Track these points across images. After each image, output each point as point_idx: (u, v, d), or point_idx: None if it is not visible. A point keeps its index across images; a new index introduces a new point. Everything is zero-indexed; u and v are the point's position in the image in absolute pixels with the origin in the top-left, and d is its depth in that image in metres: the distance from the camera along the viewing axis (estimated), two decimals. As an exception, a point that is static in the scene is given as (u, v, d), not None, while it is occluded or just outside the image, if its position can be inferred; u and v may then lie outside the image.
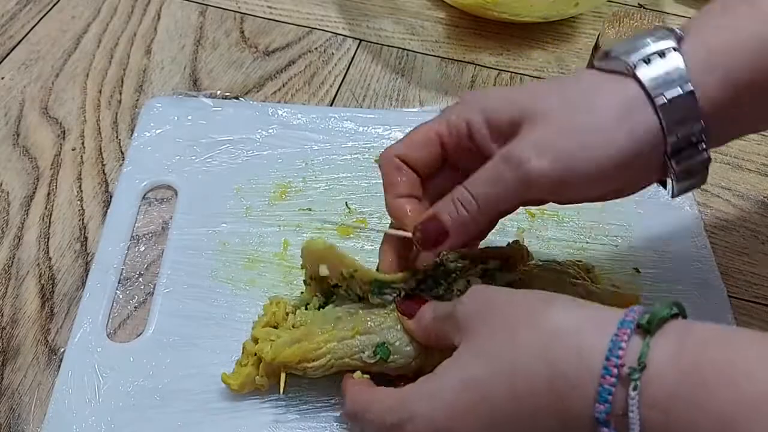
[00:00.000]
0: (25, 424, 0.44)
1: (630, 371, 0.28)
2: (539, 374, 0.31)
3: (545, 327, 0.32)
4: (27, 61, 0.66)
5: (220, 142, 0.58)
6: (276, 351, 0.42)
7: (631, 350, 0.29)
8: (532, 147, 0.35)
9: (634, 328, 0.30)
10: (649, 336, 0.29)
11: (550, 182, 0.35)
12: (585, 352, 0.30)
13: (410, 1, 0.74)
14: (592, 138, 0.35)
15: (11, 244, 0.53)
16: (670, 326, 0.30)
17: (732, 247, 0.56)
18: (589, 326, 0.31)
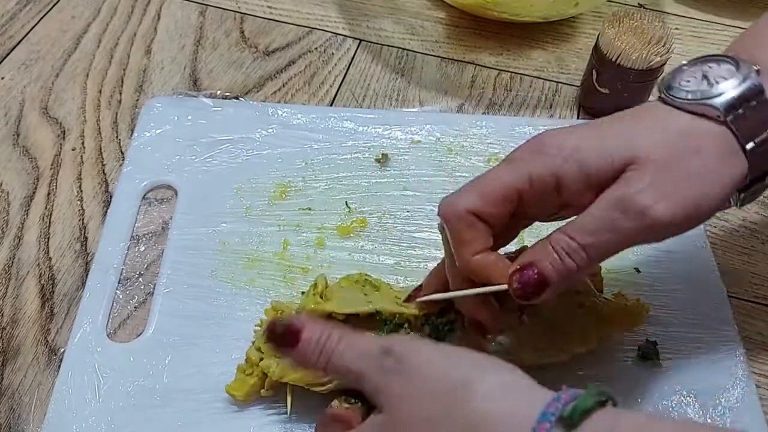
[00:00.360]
0: (25, 424, 0.44)
1: None
2: None
3: (464, 420, 0.30)
4: (27, 61, 0.66)
5: (220, 141, 0.58)
6: (282, 372, 0.42)
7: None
8: (652, 193, 0.34)
9: (554, 421, 0.28)
10: (573, 430, 0.28)
11: (674, 228, 0.35)
12: None
13: (410, 1, 0.74)
14: (706, 182, 0.35)
15: (11, 244, 0.53)
16: (595, 419, 0.28)
17: (732, 247, 0.56)
18: (510, 420, 0.29)
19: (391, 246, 0.53)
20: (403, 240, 0.53)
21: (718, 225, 0.57)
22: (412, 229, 0.54)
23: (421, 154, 0.59)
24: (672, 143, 0.35)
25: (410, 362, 0.32)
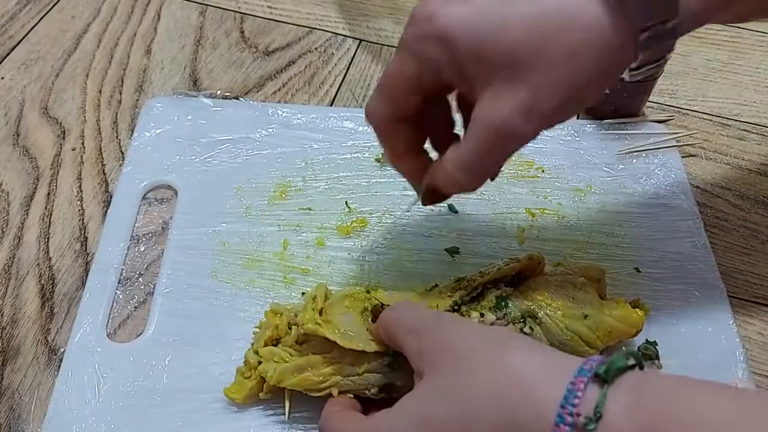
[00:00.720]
0: (25, 424, 0.44)
1: (586, 421, 0.28)
2: (495, 420, 0.30)
3: (503, 372, 0.31)
4: (27, 61, 0.66)
5: (220, 141, 0.58)
6: (280, 377, 0.42)
7: (587, 399, 0.29)
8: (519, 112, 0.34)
9: (591, 377, 0.29)
10: (606, 386, 0.29)
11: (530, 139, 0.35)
12: (540, 401, 0.30)
13: (410, 1, 0.74)
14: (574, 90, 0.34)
15: (11, 244, 0.53)
16: (627, 378, 0.29)
17: (732, 247, 0.56)
18: (546, 374, 0.31)
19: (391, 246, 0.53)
20: (402, 240, 0.53)
21: (718, 225, 0.57)
22: (412, 230, 0.54)
23: (421, 154, 0.59)
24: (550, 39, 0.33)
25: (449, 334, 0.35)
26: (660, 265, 0.53)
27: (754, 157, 0.62)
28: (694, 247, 0.54)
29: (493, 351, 0.33)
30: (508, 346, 0.33)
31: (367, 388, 0.42)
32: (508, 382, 0.31)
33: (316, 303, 0.43)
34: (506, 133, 0.34)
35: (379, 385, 0.42)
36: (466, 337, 0.35)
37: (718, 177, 0.60)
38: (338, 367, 0.41)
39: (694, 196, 0.57)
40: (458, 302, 0.43)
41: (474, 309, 0.43)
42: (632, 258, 0.53)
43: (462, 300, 0.43)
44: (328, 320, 0.42)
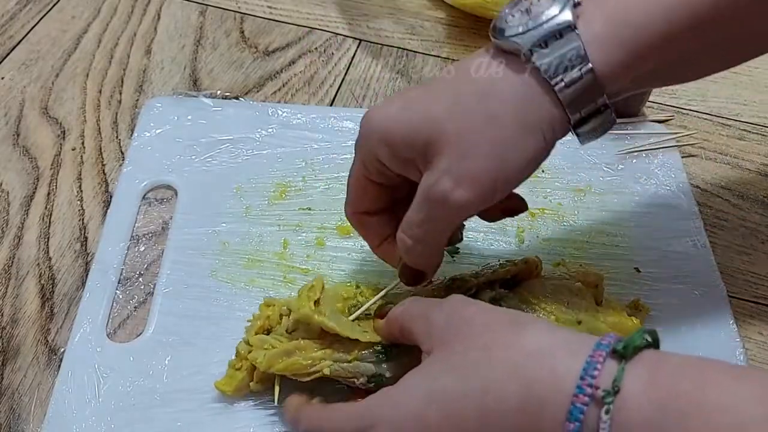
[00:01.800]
0: (25, 424, 0.44)
1: (604, 394, 0.28)
2: (511, 394, 0.30)
3: (520, 348, 0.32)
4: (27, 61, 0.66)
5: (220, 141, 0.58)
6: (269, 362, 0.42)
7: (605, 373, 0.29)
8: (445, 180, 0.35)
9: (609, 352, 0.30)
10: (624, 361, 0.29)
11: (479, 205, 0.36)
12: (559, 373, 0.30)
13: (410, 1, 0.74)
14: (498, 150, 0.35)
15: (11, 244, 0.53)
16: (645, 355, 0.30)
17: (732, 247, 0.56)
18: (564, 348, 0.31)
19: (391, 246, 0.53)
20: (403, 240, 0.53)
21: (718, 225, 0.57)
22: (412, 229, 0.54)
23: (421, 154, 0.59)
24: (469, 110, 0.35)
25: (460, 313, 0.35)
26: (660, 265, 0.53)
27: (754, 157, 0.62)
28: (694, 247, 0.54)
29: (508, 328, 0.33)
30: (522, 324, 0.33)
31: (356, 376, 0.41)
32: (526, 358, 0.31)
33: (312, 291, 0.43)
34: (437, 198, 0.36)
35: (368, 375, 0.41)
36: (478, 316, 0.35)
37: (718, 177, 0.60)
38: (329, 351, 0.41)
39: (694, 196, 0.57)
40: None
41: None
42: (632, 258, 0.53)
43: None
44: (321, 312, 0.42)
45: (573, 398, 0.29)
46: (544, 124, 0.35)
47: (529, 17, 0.34)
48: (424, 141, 0.36)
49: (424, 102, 0.36)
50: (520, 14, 0.35)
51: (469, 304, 0.36)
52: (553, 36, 0.34)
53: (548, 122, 0.35)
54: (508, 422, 0.31)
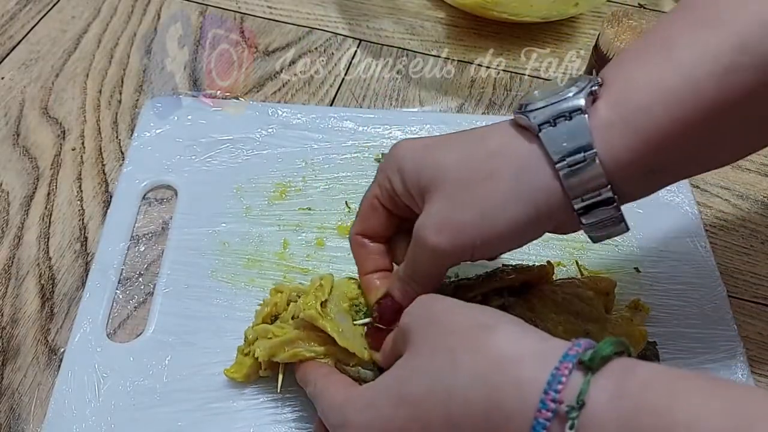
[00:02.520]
0: (25, 424, 0.44)
1: (568, 409, 0.28)
2: (476, 401, 0.30)
3: (487, 353, 0.31)
4: (27, 61, 0.66)
5: (220, 141, 0.58)
6: (272, 351, 0.42)
7: (570, 386, 0.28)
8: (430, 223, 0.36)
9: (575, 363, 0.29)
10: (591, 373, 0.28)
11: (455, 257, 0.36)
12: (524, 384, 0.29)
13: (410, 1, 0.74)
14: (487, 207, 0.35)
15: (11, 244, 0.53)
16: (613, 365, 0.29)
17: (732, 247, 0.56)
18: (531, 357, 0.30)
19: (391, 246, 0.53)
20: (403, 240, 0.53)
21: (718, 225, 0.57)
22: (412, 229, 0.54)
23: (421, 154, 0.59)
24: (474, 164, 0.36)
25: (429, 310, 0.35)
26: (660, 265, 0.53)
27: (754, 157, 0.62)
28: (694, 246, 0.54)
29: (476, 331, 0.32)
30: (492, 327, 0.32)
31: (358, 379, 0.42)
32: (491, 364, 0.30)
33: (321, 291, 0.42)
34: (419, 240, 0.37)
35: (367, 380, 0.41)
36: (444, 316, 0.34)
37: (718, 177, 0.60)
38: (332, 349, 0.41)
39: (694, 196, 0.57)
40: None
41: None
42: (632, 258, 0.53)
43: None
44: (328, 314, 0.42)
45: (536, 413, 0.28)
46: (539, 194, 0.35)
47: (550, 97, 0.35)
48: (427, 182, 0.37)
49: (442, 148, 0.38)
50: (545, 94, 0.36)
51: (440, 300, 0.36)
52: (562, 116, 0.34)
53: (545, 195, 0.35)
54: (472, 429, 0.30)
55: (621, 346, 0.29)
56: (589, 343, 0.30)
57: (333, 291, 0.43)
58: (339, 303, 0.43)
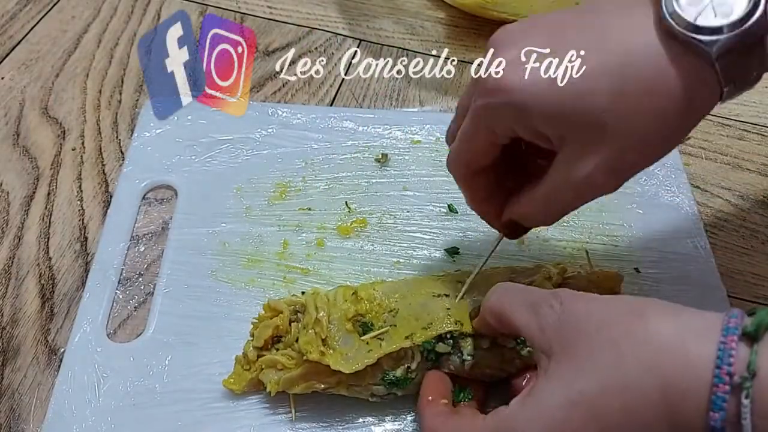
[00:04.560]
0: (25, 424, 0.44)
1: (742, 380, 0.28)
2: (651, 387, 0.30)
3: (649, 339, 0.31)
4: (27, 61, 0.66)
5: (220, 141, 0.58)
6: (285, 385, 0.43)
7: (739, 358, 0.29)
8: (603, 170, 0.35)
9: (739, 334, 0.29)
10: (756, 343, 0.29)
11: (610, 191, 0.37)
12: (693, 363, 0.30)
13: (410, 1, 0.74)
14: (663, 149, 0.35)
15: (11, 244, 0.53)
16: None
17: (732, 247, 0.55)
18: (692, 336, 0.31)
19: (391, 246, 0.53)
20: (403, 240, 0.53)
21: (718, 225, 0.57)
22: (412, 229, 0.54)
23: (421, 154, 0.59)
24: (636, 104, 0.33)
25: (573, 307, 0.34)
26: (660, 265, 0.53)
27: (754, 157, 0.62)
28: (694, 247, 0.54)
29: (628, 320, 0.32)
30: (641, 313, 0.32)
31: (370, 396, 0.43)
32: (657, 350, 0.31)
33: (320, 326, 0.42)
34: (588, 189, 0.36)
35: (380, 395, 0.43)
36: (594, 310, 0.34)
37: (718, 177, 0.60)
38: (344, 377, 0.42)
39: (694, 196, 0.57)
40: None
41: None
42: (632, 258, 0.53)
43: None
44: (331, 346, 0.42)
45: (713, 388, 0.29)
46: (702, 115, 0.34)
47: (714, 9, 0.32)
48: (577, 127, 0.34)
49: (577, 82, 0.33)
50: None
51: (579, 297, 0.35)
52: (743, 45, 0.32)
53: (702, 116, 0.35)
54: (650, 414, 0.31)
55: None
56: (741, 312, 0.31)
57: (331, 315, 0.43)
58: (341, 326, 0.43)
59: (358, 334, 0.42)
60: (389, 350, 0.41)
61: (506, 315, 0.37)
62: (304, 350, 0.42)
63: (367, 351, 0.41)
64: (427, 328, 0.42)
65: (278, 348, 0.44)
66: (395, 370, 0.42)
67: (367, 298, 0.44)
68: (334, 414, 0.44)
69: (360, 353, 0.42)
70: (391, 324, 0.42)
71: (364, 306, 0.43)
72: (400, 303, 0.44)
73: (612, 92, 0.33)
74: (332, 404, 0.44)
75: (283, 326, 0.44)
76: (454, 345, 0.42)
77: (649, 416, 0.31)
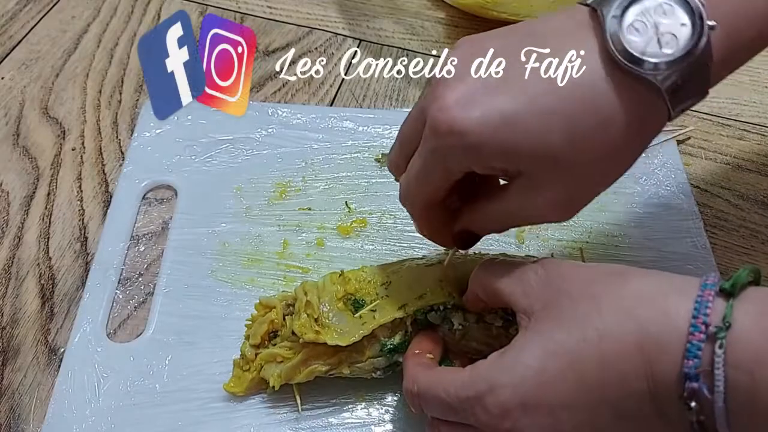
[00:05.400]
0: (25, 424, 0.44)
1: (716, 330, 0.29)
2: (628, 339, 0.31)
3: (628, 293, 0.32)
4: (27, 61, 0.66)
5: (219, 141, 0.58)
6: (288, 376, 0.43)
7: (715, 311, 0.30)
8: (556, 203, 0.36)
9: (716, 290, 0.31)
10: (732, 299, 0.30)
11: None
12: (672, 313, 0.31)
13: (410, 1, 0.74)
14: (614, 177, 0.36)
15: (11, 244, 0.53)
16: (750, 292, 0.31)
17: (732, 247, 0.55)
18: (672, 290, 0.32)
19: (391, 246, 0.53)
20: (403, 240, 0.53)
21: (718, 225, 0.57)
22: (412, 229, 0.53)
23: (421, 154, 0.59)
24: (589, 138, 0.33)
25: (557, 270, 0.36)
26: (660, 265, 0.53)
27: (754, 157, 0.62)
28: (694, 247, 0.54)
29: (614, 278, 0.34)
30: (623, 273, 0.34)
31: (373, 371, 0.43)
32: (636, 302, 0.32)
33: (311, 308, 0.43)
34: (541, 218, 0.38)
35: (383, 367, 0.43)
36: (577, 271, 0.35)
37: (718, 177, 0.60)
38: (344, 355, 0.42)
39: (694, 196, 0.57)
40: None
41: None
42: (632, 258, 0.53)
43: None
44: (324, 324, 0.42)
45: (689, 336, 0.30)
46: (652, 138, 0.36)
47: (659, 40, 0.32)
48: (529, 161, 0.34)
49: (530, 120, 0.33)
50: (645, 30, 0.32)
51: (562, 262, 0.37)
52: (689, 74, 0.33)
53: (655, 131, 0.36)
54: (627, 365, 0.31)
55: (754, 274, 0.31)
56: (717, 275, 0.32)
57: (321, 298, 0.43)
58: (332, 306, 0.43)
59: (350, 312, 0.42)
60: (383, 321, 0.42)
61: (492, 286, 0.38)
62: (299, 333, 0.42)
63: (361, 324, 0.42)
64: (420, 298, 0.42)
65: (275, 343, 0.44)
66: (392, 338, 0.42)
67: (356, 278, 0.44)
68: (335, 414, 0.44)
69: (354, 327, 0.42)
70: (383, 295, 0.43)
71: (353, 285, 0.43)
72: (392, 277, 0.44)
73: (565, 131, 0.33)
74: (332, 404, 0.44)
75: (277, 320, 0.44)
76: (445, 317, 0.42)
77: (625, 367, 0.31)
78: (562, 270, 0.36)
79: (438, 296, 0.42)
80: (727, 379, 0.29)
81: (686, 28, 0.32)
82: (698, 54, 0.32)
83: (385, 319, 0.42)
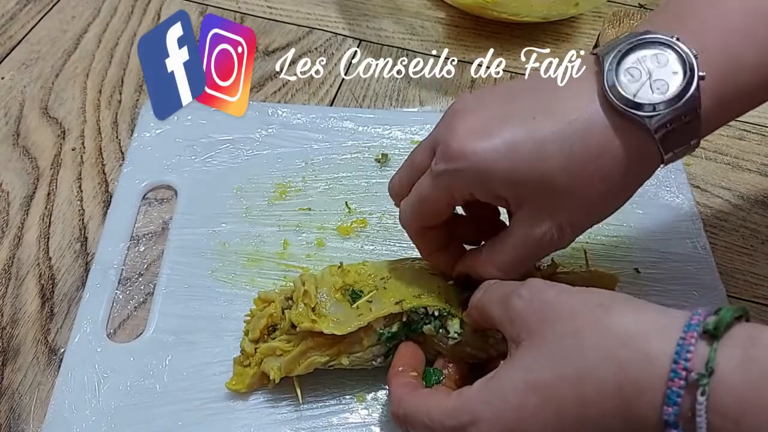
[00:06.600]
0: (25, 424, 0.44)
1: (698, 377, 0.29)
2: (608, 379, 0.31)
3: (612, 332, 0.32)
4: (27, 61, 0.66)
5: (220, 141, 0.58)
6: (287, 368, 0.42)
7: (698, 355, 0.29)
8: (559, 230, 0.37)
9: (700, 332, 0.30)
10: (716, 341, 0.30)
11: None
12: (653, 357, 0.30)
13: (410, 1, 0.74)
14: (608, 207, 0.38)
15: (11, 244, 0.53)
16: (736, 332, 0.30)
17: (732, 247, 0.56)
18: (655, 331, 0.31)
19: (391, 246, 0.53)
20: (404, 240, 0.53)
21: (718, 225, 0.57)
22: (412, 229, 0.54)
23: (421, 154, 0.59)
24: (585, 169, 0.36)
25: (542, 297, 0.35)
26: (660, 265, 0.53)
27: (754, 157, 0.62)
28: (694, 247, 0.54)
29: (596, 312, 0.33)
30: (609, 307, 0.33)
31: (373, 359, 0.43)
32: (619, 343, 0.31)
33: (308, 298, 0.43)
34: (544, 246, 0.39)
35: (382, 354, 0.43)
36: (562, 300, 0.35)
37: (718, 177, 0.60)
38: (343, 345, 0.42)
39: (694, 196, 0.57)
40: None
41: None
42: (632, 258, 0.53)
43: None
44: (321, 314, 0.42)
45: (669, 383, 0.29)
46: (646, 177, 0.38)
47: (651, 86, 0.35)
48: (530, 190, 0.37)
49: (532, 149, 0.36)
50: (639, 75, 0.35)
51: (550, 287, 0.36)
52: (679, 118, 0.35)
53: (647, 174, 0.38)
54: (606, 406, 0.31)
55: (740, 311, 0.31)
56: (707, 311, 0.31)
57: (319, 289, 0.43)
58: (330, 296, 0.43)
59: (348, 303, 0.43)
60: (380, 314, 0.42)
61: (485, 311, 0.39)
62: (296, 321, 0.42)
63: (357, 315, 0.42)
64: (418, 297, 0.42)
65: (274, 338, 0.44)
66: (390, 326, 0.42)
67: (355, 271, 0.44)
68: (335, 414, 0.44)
69: (351, 317, 0.42)
70: (382, 288, 0.43)
71: (351, 277, 0.44)
72: (392, 273, 0.44)
73: (562, 159, 0.36)
74: (333, 404, 0.44)
75: (276, 314, 0.44)
76: (442, 325, 0.42)
77: (604, 407, 0.31)
78: (548, 297, 0.35)
79: (435, 300, 0.42)
80: (710, 425, 0.28)
81: (678, 76, 0.34)
82: (687, 99, 0.34)
83: (381, 312, 0.42)
